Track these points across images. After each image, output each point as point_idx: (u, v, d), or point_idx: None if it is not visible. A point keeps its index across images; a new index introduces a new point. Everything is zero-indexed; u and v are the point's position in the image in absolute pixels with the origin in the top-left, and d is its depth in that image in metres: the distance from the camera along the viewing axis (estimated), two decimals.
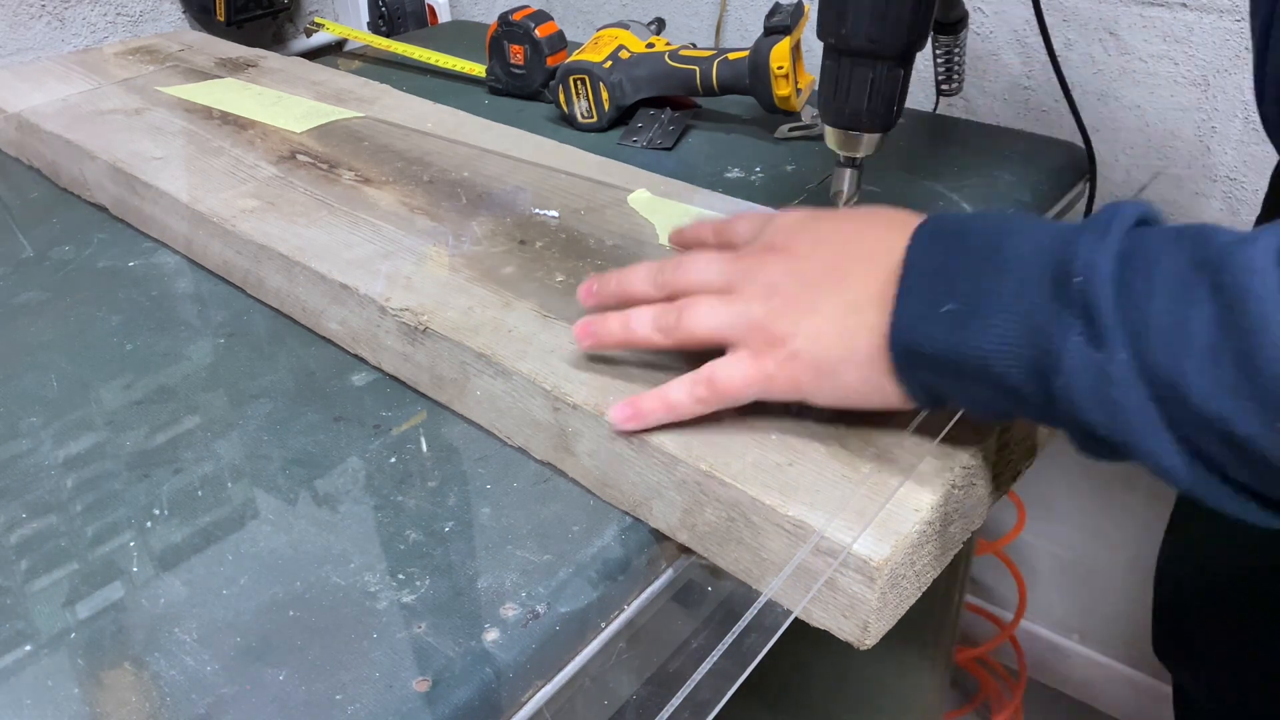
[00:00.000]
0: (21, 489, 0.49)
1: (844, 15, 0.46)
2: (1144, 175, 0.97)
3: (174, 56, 0.97)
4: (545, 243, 0.60)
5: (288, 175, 0.69)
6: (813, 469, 0.41)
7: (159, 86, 0.88)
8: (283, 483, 0.48)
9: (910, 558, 0.39)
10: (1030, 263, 0.35)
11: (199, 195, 0.66)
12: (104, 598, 0.42)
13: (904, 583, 0.39)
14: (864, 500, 0.40)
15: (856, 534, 0.38)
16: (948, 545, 0.42)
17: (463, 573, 0.43)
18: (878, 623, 0.39)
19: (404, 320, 0.52)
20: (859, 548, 0.38)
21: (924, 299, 0.37)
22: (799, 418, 0.44)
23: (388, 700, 0.37)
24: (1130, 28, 0.92)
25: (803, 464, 0.42)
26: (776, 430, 0.44)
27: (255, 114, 0.81)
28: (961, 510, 0.42)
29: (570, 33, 0.96)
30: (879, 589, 0.38)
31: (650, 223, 0.62)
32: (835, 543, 0.38)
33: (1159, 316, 0.32)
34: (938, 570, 0.41)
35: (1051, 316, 0.34)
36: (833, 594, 0.39)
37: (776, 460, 0.42)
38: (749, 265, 0.43)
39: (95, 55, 0.97)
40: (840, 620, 0.40)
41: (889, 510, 0.39)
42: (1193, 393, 0.31)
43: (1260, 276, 0.30)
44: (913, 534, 0.38)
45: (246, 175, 0.70)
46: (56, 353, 0.59)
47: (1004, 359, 0.35)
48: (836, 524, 0.39)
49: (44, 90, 0.87)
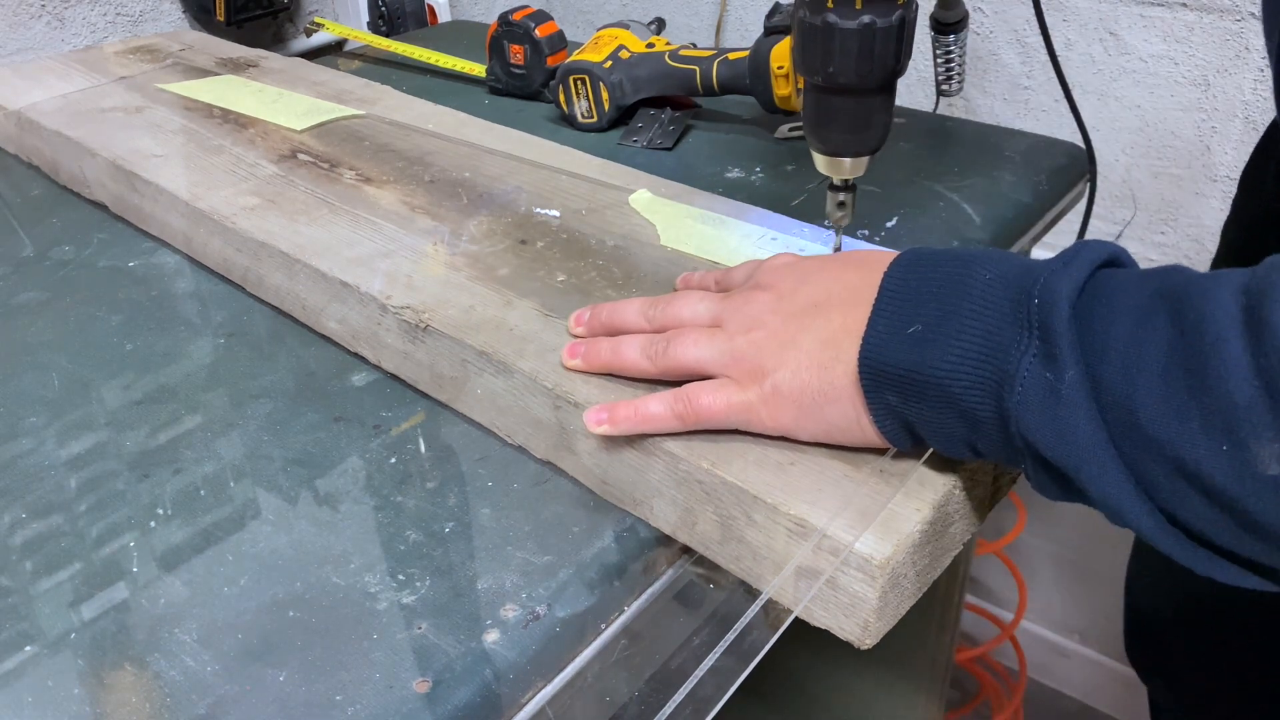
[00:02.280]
0: (22, 489, 0.49)
1: (829, 57, 0.46)
2: (1144, 175, 0.97)
3: (174, 56, 0.96)
4: (546, 242, 0.60)
5: (289, 174, 0.69)
6: (814, 469, 0.41)
7: (159, 84, 0.88)
8: (283, 483, 0.48)
9: (911, 558, 0.39)
10: (994, 287, 0.35)
11: (199, 193, 0.66)
12: (104, 598, 0.42)
13: (904, 583, 0.39)
14: (866, 500, 0.40)
15: (858, 533, 0.38)
16: (948, 546, 0.42)
17: (463, 573, 0.43)
18: (878, 622, 0.39)
19: (405, 318, 0.52)
20: (860, 547, 0.38)
21: (892, 321, 0.38)
22: None
23: (388, 701, 0.37)
24: (1130, 28, 0.92)
25: (805, 464, 0.42)
26: None
27: (256, 111, 0.81)
28: (963, 511, 0.42)
29: (570, 33, 0.96)
30: (880, 588, 0.38)
31: (651, 223, 0.62)
32: (837, 541, 0.38)
33: (1115, 340, 0.32)
34: (938, 571, 0.41)
35: (1009, 338, 0.34)
36: (834, 593, 0.39)
37: (778, 459, 0.42)
38: (737, 303, 0.45)
39: (95, 54, 0.97)
40: (841, 619, 0.40)
41: (891, 510, 0.39)
42: (1141, 414, 0.31)
43: (1220, 304, 0.30)
44: (914, 534, 0.38)
45: (247, 173, 0.69)
46: (56, 353, 0.59)
47: (962, 379, 0.35)
48: (838, 523, 0.39)
49: (44, 88, 0.87)
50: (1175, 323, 0.31)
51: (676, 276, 0.54)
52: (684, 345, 0.44)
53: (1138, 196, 0.98)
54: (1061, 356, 0.32)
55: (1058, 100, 0.86)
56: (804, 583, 0.40)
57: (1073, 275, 0.34)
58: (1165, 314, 0.31)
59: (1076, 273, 0.34)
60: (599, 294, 0.54)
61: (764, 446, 0.43)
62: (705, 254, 0.58)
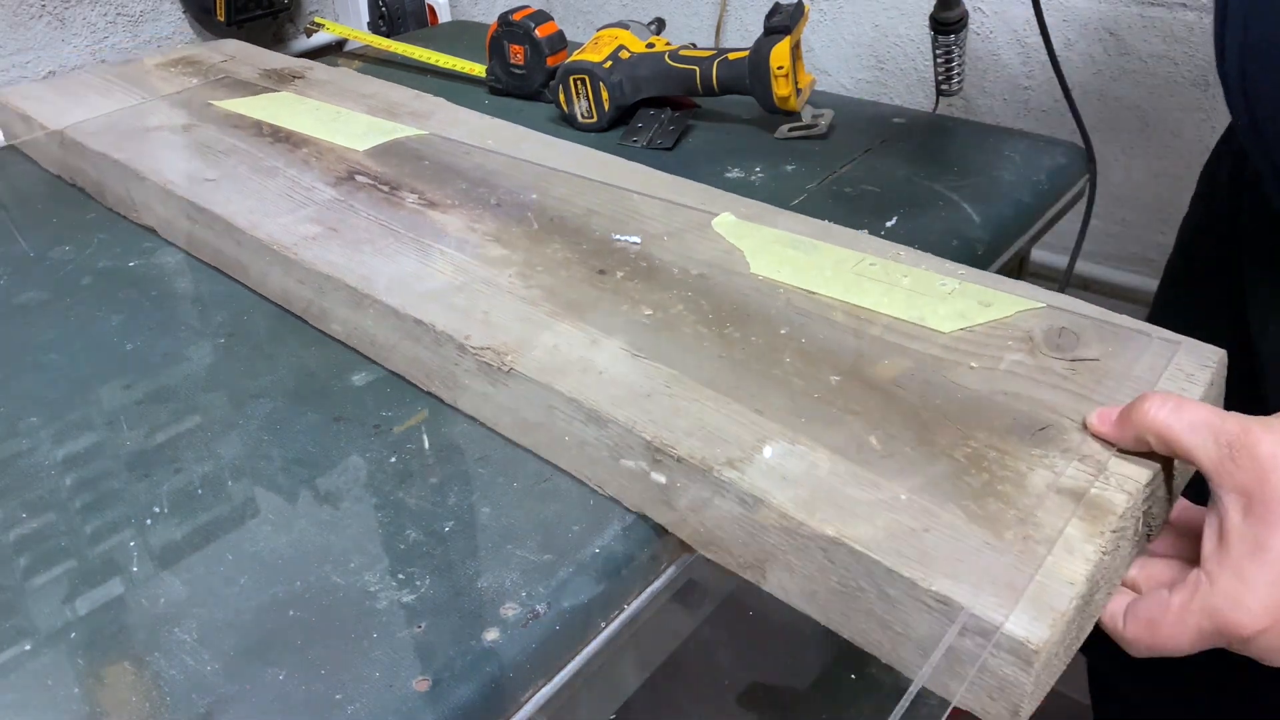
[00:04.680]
0: (22, 488, 0.49)
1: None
2: (1144, 175, 0.97)
3: (217, 68, 0.93)
4: (626, 272, 0.56)
5: (348, 198, 0.65)
6: (951, 535, 0.37)
7: (210, 100, 0.84)
8: (283, 482, 0.48)
9: (1064, 635, 0.35)
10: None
11: (256, 220, 0.62)
12: (104, 597, 0.42)
13: (1055, 661, 0.36)
14: (1011, 572, 0.36)
15: (1007, 611, 0.34)
16: (1093, 613, 0.38)
17: (463, 572, 0.43)
18: (1029, 705, 0.35)
19: (485, 359, 0.49)
20: (1012, 628, 0.34)
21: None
22: (926, 476, 0.40)
23: (388, 699, 0.37)
24: (1130, 28, 0.92)
25: (940, 529, 0.38)
26: (904, 489, 0.40)
27: (314, 131, 0.78)
28: (1108, 577, 0.38)
29: (570, 33, 0.96)
30: (1035, 672, 0.34)
31: (736, 248, 0.57)
32: (985, 621, 0.34)
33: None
34: (1080, 643, 0.38)
35: None
36: (980, 675, 0.36)
37: (911, 525, 0.38)
38: None
39: (136, 68, 0.94)
40: (986, 702, 0.36)
41: (1040, 583, 0.35)
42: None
43: None
44: (1069, 611, 0.35)
45: (304, 198, 0.66)
46: (56, 353, 0.59)
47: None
48: (985, 600, 0.35)
49: (86, 105, 0.84)
50: None
51: (770, 309, 0.51)
52: None
53: (1138, 197, 0.98)
54: None
55: (1058, 100, 0.86)
56: (948, 665, 0.36)
57: None
58: None
59: None
60: (689, 330, 0.50)
61: (894, 510, 0.39)
62: (798, 283, 0.53)
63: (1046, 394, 0.44)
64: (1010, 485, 0.40)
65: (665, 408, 0.45)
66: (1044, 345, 0.47)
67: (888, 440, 0.43)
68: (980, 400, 0.45)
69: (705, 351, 0.49)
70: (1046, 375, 0.46)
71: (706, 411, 0.45)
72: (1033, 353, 0.47)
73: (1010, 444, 0.42)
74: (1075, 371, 0.46)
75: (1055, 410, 0.43)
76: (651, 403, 0.45)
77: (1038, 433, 0.42)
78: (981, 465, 0.41)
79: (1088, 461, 0.40)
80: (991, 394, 0.45)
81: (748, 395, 0.46)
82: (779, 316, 0.51)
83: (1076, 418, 0.43)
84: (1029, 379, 0.45)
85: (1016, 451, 0.41)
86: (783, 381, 0.46)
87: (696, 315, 0.52)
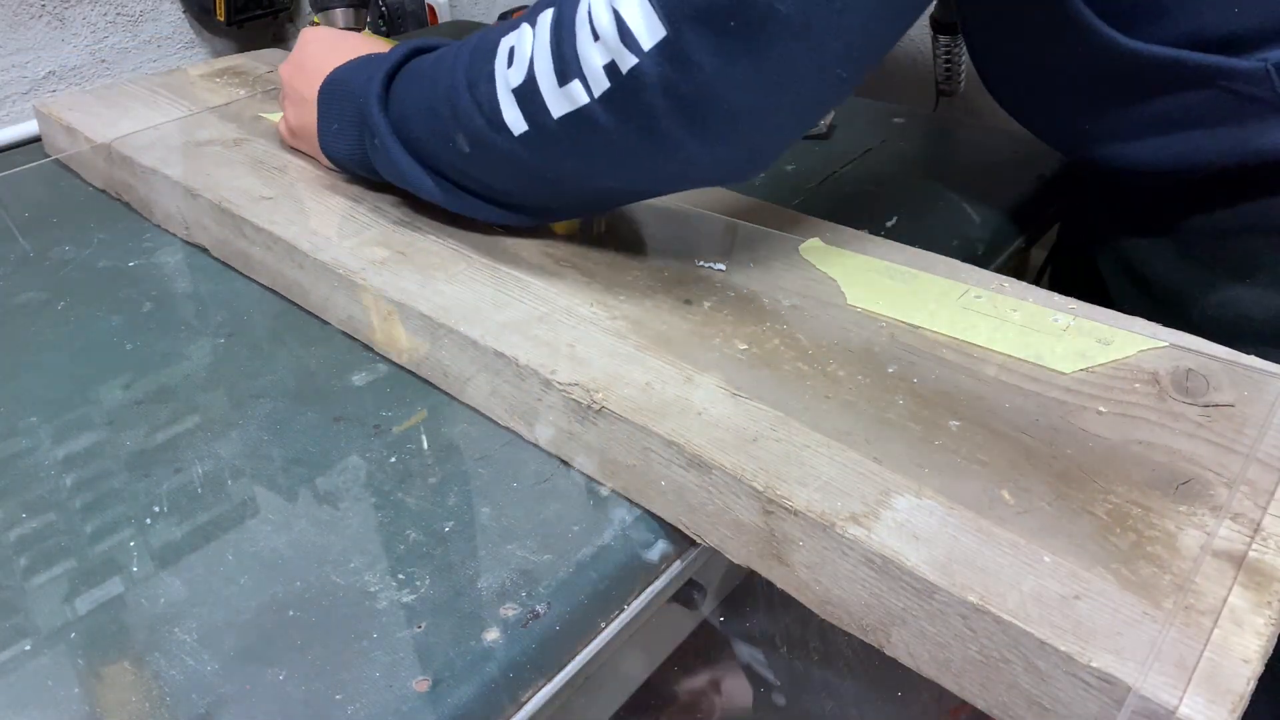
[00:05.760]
0: (22, 488, 0.49)
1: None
2: None
3: (262, 79, 0.91)
4: (714, 302, 0.52)
5: (413, 219, 0.62)
6: (1106, 603, 0.34)
7: (260, 113, 0.82)
8: (282, 482, 0.48)
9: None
10: (359, 93, 0.59)
11: (319, 243, 0.59)
12: (104, 597, 0.43)
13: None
14: (1178, 646, 0.32)
15: (1179, 693, 0.31)
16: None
17: (463, 572, 0.43)
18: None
19: (573, 397, 0.46)
20: (1188, 712, 0.31)
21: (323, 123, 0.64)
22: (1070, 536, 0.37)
23: (388, 700, 0.37)
24: None
25: (1092, 596, 0.34)
26: (1046, 550, 0.36)
27: None
28: (1269, 649, 0.34)
29: None
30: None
31: (829, 277, 0.54)
32: (1157, 705, 0.31)
33: (404, 104, 0.56)
34: None
35: (365, 127, 0.59)
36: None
37: (1060, 591, 0.34)
38: None
39: (180, 77, 0.93)
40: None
41: (1210, 660, 0.32)
42: (418, 132, 0.55)
43: (457, 77, 0.51)
44: (1247, 692, 0.31)
45: (368, 219, 0.62)
46: (56, 353, 0.59)
47: (355, 158, 0.63)
48: (1153, 680, 0.31)
49: (132, 117, 0.81)
50: (432, 88, 0.53)
51: (874, 344, 0.47)
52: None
53: None
54: (376, 128, 0.57)
55: None
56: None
57: (375, 85, 0.57)
58: (428, 80, 0.54)
59: (377, 86, 0.57)
60: (789, 367, 0.47)
61: (1039, 574, 0.35)
62: (900, 316, 0.50)
63: (1183, 444, 0.41)
64: (1161, 547, 0.36)
65: (775, 454, 0.41)
66: (1172, 389, 0.44)
67: (1020, 494, 0.39)
68: (1114, 450, 0.41)
69: (810, 391, 0.45)
70: (1180, 422, 0.42)
71: (820, 459, 0.41)
72: (1161, 397, 0.43)
73: (1154, 500, 0.38)
74: (1210, 419, 0.42)
75: (1195, 462, 0.40)
76: (759, 448, 0.41)
77: (1180, 487, 0.39)
78: (1126, 524, 0.37)
79: (1240, 520, 0.37)
80: (1125, 443, 0.41)
81: (863, 441, 0.42)
82: (884, 353, 0.47)
83: (1221, 471, 0.39)
84: (1161, 426, 0.42)
85: (1161, 509, 0.38)
86: (899, 426, 0.43)
87: (794, 351, 0.48)
